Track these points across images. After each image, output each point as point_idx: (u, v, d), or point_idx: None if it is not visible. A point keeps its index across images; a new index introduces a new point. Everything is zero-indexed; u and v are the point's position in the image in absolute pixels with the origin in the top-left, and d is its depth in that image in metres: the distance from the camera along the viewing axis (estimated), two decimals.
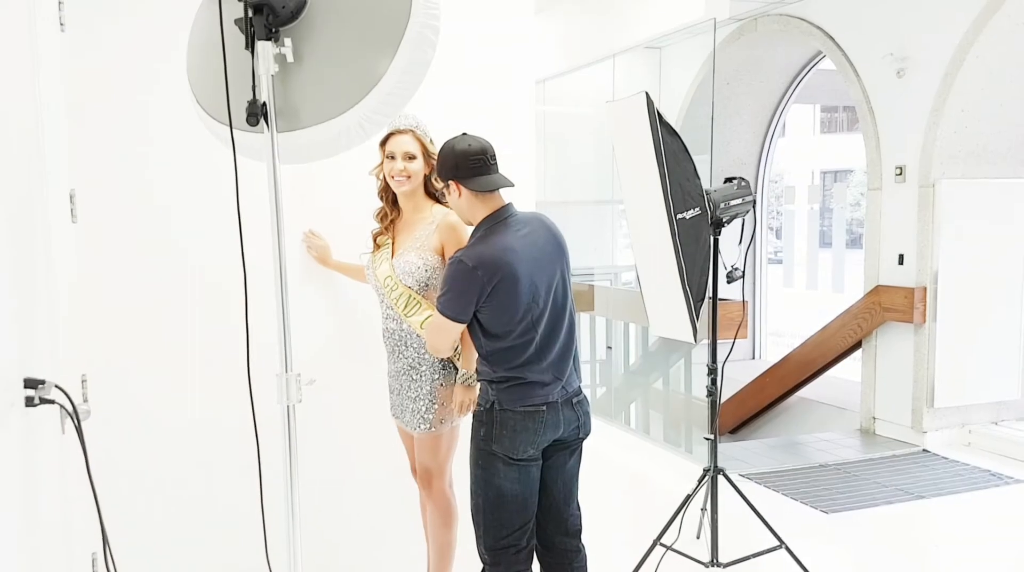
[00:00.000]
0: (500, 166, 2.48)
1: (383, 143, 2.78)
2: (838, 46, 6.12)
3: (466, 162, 2.42)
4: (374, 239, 2.91)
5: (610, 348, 6.91)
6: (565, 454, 2.60)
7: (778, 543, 3.29)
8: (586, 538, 2.71)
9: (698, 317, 3.22)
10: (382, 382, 2.94)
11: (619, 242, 7.28)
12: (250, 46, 1.92)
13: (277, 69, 1.94)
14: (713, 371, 3.35)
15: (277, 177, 1.97)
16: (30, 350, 1.71)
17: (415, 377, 2.79)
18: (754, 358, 8.48)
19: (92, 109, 2.76)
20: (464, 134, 2.49)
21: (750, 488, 4.66)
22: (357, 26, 1.97)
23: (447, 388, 2.79)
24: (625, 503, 4.73)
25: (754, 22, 6.81)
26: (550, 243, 2.53)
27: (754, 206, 3.34)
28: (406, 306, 2.75)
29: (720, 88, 7.17)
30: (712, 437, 3.36)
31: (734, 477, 3.51)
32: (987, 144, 5.58)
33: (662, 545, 3.29)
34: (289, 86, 1.97)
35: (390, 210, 2.88)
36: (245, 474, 2.24)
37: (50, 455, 1.87)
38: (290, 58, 1.95)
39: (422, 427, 2.79)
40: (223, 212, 2.15)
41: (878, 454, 5.50)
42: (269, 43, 1.92)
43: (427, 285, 2.74)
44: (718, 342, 3.35)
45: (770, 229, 14.32)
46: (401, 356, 2.82)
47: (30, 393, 1.59)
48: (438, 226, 2.75)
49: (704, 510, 3.54)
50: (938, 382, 5.56)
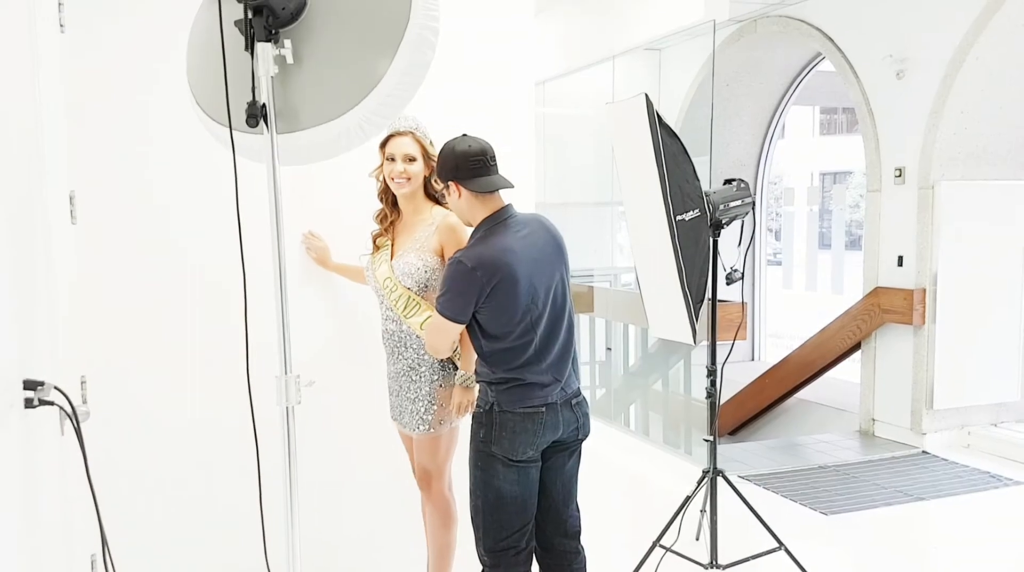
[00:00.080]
0: (500, 165, 2.49)
1: (383, 145, 2.78)
2: (837, 48, 6.12)
3: (466, 163, 2.43)
4: (373, 241, 2.91)
5: (609, 349, 6.91)
6: (564, 455, 2.60)
7: (777, 545, 3.30)
8: (585, 539, 2.71)
9: (697, 318, 3.22)
10: (381, 384, 2.94)
11: (619, 244, 7.28)
12: (250, 47, 1.92)
13: (277, 70, 1.94)
14: (712, 372, 3.35)
15: (277, 178, 1.97)
16: (30, 351, 1.71)
17: (414, 378, 2.79)
18: (753, 360, 8.48)
19: (92, 109, 2.76)
20: (464, 135, 2.49)
21: (749, 490, 4.66)
22: (357, 28, 1.97)
23: (446, 389, 2.79)
24: (624, 504, 4.73)
25: (754, 24, 6.82)
26: (549, 244, 2.53)
27: (753, 208, 3.34)
28: (405, 307, 2.75)
29: (720, 90, 7.17)
30: (711, 438, 3.36)
31: (733, 479, 3.51)
32: (987, 146, 5.58)
33: (661, 547, 3.29)
34: (289, 88, 1.97)
35: (390, 212, 2.88)
36: (244, 475, 2.24)
37: (50, 456, 1.87)
38: (290, 59, 1.95)
39: (421, 428, 2.80)
40: (223, 213, 2.15)
41: (877, 456, 5.50)
42: (269, 44, 1.92)
43: (426, 286, 2.74)
44: (717, 343, 3.35)
45: (769, 231, 14.33)
46: (400, 357, 2.82)
47: (29, 394, 1.59)
48: (438, 227, 2.75)
49: (703, 511, 3.54)
50: (937, 384, 5.55)
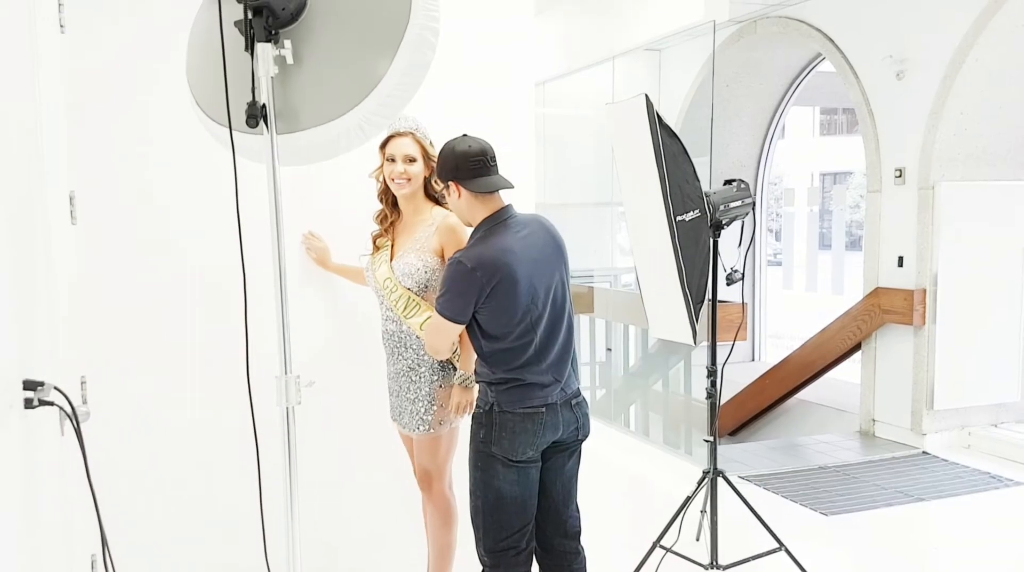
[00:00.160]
0: (500, 165, 2.49)
1: (383, 146, 2.78)
2: (837, 48, 6.12)
3: (466, 163, 2.43)
4: (373, 241, 2.91)
5: (610, 350, 6.91)
6: (564, 456, 2.60)
7: (778, 545, 3.29)
8: (585, 540, 2.70)
9: (697, 319, 3.22)
10: (381, 384, 2.94)
11: (619, 244, 7.28)
12: (250, 48, 1.92)
13: (277, 71, 1.94)
14: (712, 373, 3.35)
15: (276, 179, 1.97)
16: (30, 351, 1.71)
17: (414, 379, 2.79)
18: (753, 360, 8.48)
19: (92, 109, 2.76)
20: (464, 135, 2.48)
21: (749, 490, 4.66)
22: (357, 28, 1.97)
23: (446, 390, 2.79)
24: (624, 505, 4.73)
25: (754, 24, 6.82)
26: (549, 245, 2.53)
27: (753, 208, 3.34)
28: (405, 308, 2.75)
29: (720, 90, 7.17)
30: (712, 439, 3.35)
31: (733, 479, 3.51)
32: (987, 146, 5.58)
33: (661, 547, 3.29)
34: (289, 88, 1.97)
35: (390, 212, 2.88)
36: (245, 475, 2.24)
37: (49, 456, 1.87)
38: (290, 60, 1.95)
39: (421, 428, 2.79)
40: (223, 213, 2.15)
41: (877, 456, 5.49)
42: (269, 45, 1.92)
43: (426, 287, 2.74)
44: (717, 344, 3.35)
45: (770, 231, 14.33)
46: (400, 358, 2.82)
47: (29, 395, 1.59)
48: (438, 228, 2.75)
49: (704, 512, 3.54)
50: (938, 384, 5.55)
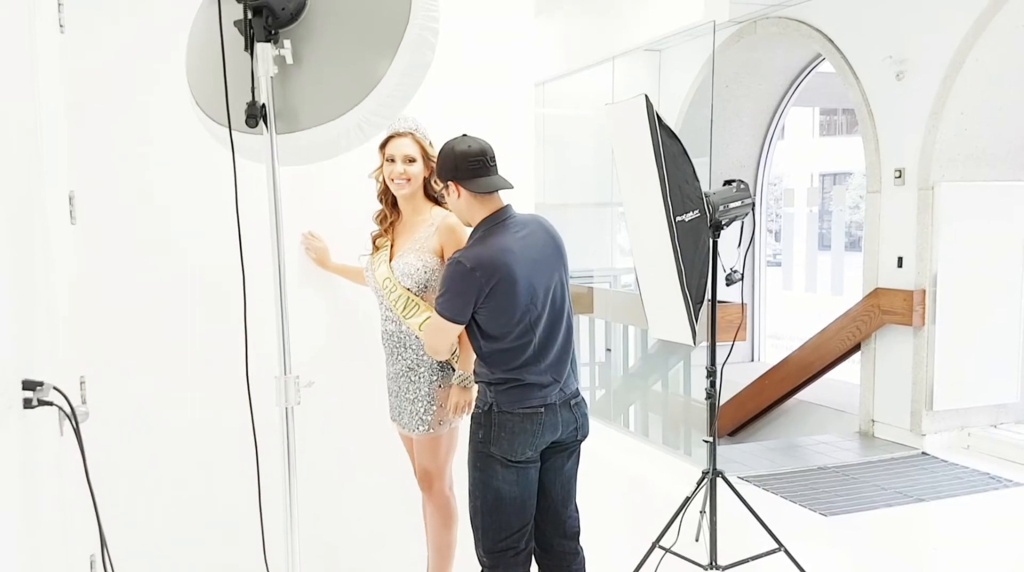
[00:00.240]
0: (499, 165, 2.49)
1: (383, 146, 2.78)
2: (837, 49, 6.12)
3: (465, 163, 2.43)
4: (373, 241, 2.91)
5: (609, 350, 6.91)
6: (563, 456, 2.60)
7: (777, 546, 3.29)
8: (584, 540, 2.70)
9: (697, 319, 3.22)
10: (381, 384, 2.94)
11: (618, 244, 7.28)
12: (249, 48, 1.92)
13: (276, 71, 1.94)
14: (712, 373, 3.35)
15: (276, 179, 1.97)
16: (29, 351, 1.71)
17: (413, 379, 2.79)
18: (753, 360, 8.47)
19: (92, 109, 2.76)
20: (464, 135, 2.49)
21: (749, 490, 4.66)
22: (357, 28, 1.97)
23: (445, 390, 2.79)
24: (624, 505, 4.73)
25: (753, 25, 6.82)
26: (548, 245, 2.53)
27: (753, 209, 3.34)
28: (405, 308, 2.75)
29: (719, 91, 7.17)
30: (711, 439, 3.35)
31: (733, 479, 3.51)
32: (986, 147, 5.58)
33: (661, 547, 3.29)
34: (288, 88, 1.97)
35: (390, 212, 2.88)
36: (244, 475, 2.24)
37: (49, 456, 1.86)
38: (289, 60, 1.95)
39: (420, 429, 2.80)
40: (223, 213, 2.15)
41: (877, 457, 5.50)
42: (268, 45, 1.92)
43: (426, 287, 2.74)
44: (717, 344, 3.35)
45: (769, 232, 14.33)
46: (400, 358, 2.82)
47: (28, 395, 1.58)
48: (438, 228, 2.75)
49: (703, 512, 3.54)
50: (937, 385, 5.55)
